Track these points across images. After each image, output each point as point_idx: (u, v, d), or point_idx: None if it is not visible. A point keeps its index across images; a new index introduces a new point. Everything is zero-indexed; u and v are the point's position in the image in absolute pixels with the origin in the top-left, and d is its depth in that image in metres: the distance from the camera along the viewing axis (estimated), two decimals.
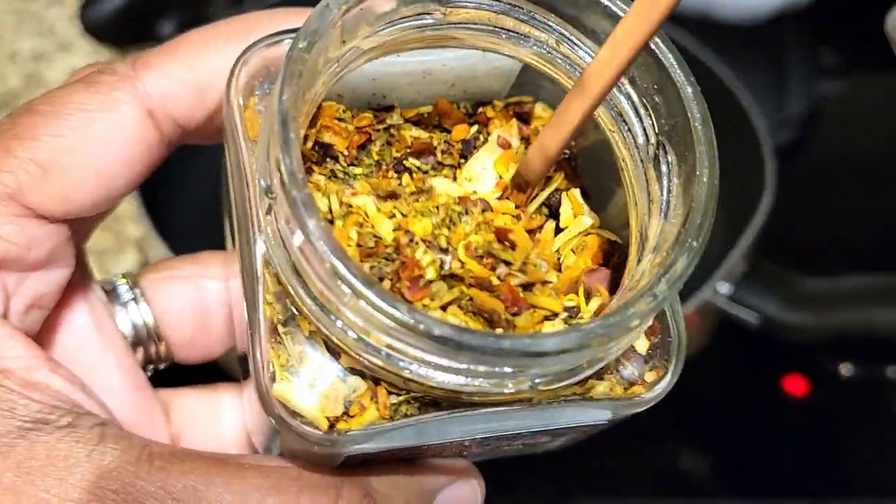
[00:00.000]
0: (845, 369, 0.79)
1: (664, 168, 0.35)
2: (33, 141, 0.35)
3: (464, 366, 0.31)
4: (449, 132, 0.39)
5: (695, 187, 0.33)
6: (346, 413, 0.33)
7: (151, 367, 0.44)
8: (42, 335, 0.39)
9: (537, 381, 0.32)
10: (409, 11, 0.35)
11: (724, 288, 0.71)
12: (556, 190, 0.38)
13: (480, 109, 0.40)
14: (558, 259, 0.37)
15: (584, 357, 0.32)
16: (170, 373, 0.45)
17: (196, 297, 0.43)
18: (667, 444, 0.76)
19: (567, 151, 0.38)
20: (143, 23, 0.94)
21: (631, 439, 0.75)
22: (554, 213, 0.38)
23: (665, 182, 0.35)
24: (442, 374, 0.31)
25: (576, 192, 0.38)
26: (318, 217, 0.30)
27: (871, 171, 1.00)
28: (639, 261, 0.34)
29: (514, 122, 0.39)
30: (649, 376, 0.36)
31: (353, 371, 0.33)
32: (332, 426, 0.33)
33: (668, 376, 0.36)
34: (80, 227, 0.38)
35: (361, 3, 0.33)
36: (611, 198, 0.37)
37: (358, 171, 0.38)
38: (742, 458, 0.75)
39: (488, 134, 0.39)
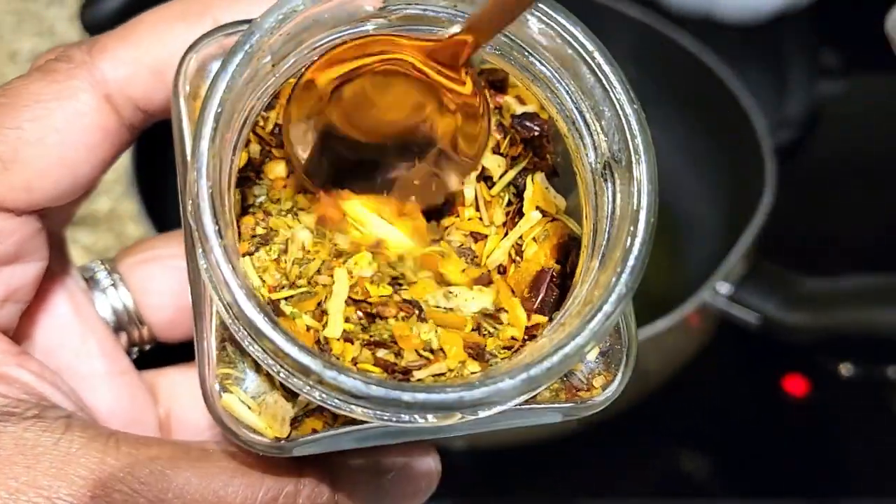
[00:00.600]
0: (845, 369, 0.79)
1: (611, 189, 0.34)
2: None
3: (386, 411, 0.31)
4: None
5: (629, 225, 0.32)
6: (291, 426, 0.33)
7: (136, 349, 0.44)
8: (22, 327, 0.39)
9: (468, 415, 0.31)
10: (345, 24, 0.33)
11: (724, 288, 0.71)
12: (524, 170, 0.38)
13: None
14: (520, 247, 0.37)
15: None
16: (158, 353, 0.45)
17: (174, 278, 0.43)
18: (667, 444, 0.76)
19: (538, 127, 0.38)
20: None
21: (631, 439, 0.75)
22: (521, 194, 0.38)
23: (610, 206, 0.33)
24: (365, 410, 0.31)
25: (541, 177, 0.38)
26: (240, 279, 0.29)
27: (871, 171, 1.00)
28: (582, 281, 0.34)
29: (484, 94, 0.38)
30: (598, 381, 0.35)
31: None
32: (277, 437, 0.33)
33: (616, 382, 0.35)
34: (53, 216, 0.38)
35: (284, 28, 0.32)
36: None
37: None
38: (742, 458, 0.75)
39: None
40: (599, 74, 0.33)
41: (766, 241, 0.75)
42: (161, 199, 0.79)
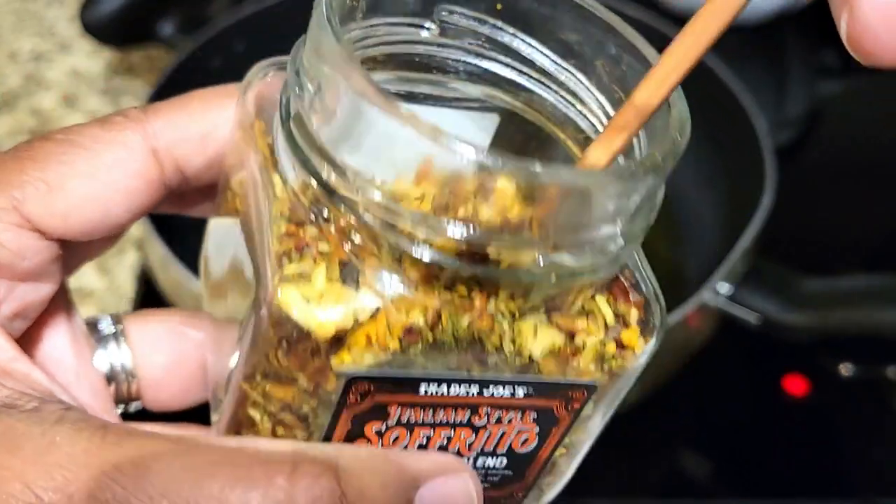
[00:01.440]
0: (845, 369, 0.79)
1: None
2: (45, 163, 0.37)
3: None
4: None
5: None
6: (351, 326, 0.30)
7: (122, 405, 0.44)
8: (21, 345, 0.39)
9: (551, 256, 0.29)
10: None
11: (724, 288, 0.71)
12: None
13: None
14: None
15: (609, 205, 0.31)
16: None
17: (176, 341, 0.44)
18: (666, 443, 0.76)
19: None
20: (143, 23, 0.94)
21: (630, 439, 0.76)
22: None
23: None
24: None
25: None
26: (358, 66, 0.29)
27: (871, 170, 1.00)
28: None
29: None
30: (640, 343, 0.34)
31: (362, 289, 0.30)
32: (333, 338, 0.30)
33: (654, 340, 0.35)
34: (69, 254, 0.39)
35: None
36: None
37: None
38: (741, 458, 0.75)
39: None
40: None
41: (765, 241, 0.75)
42: None
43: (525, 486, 0.35)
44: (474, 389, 0.31)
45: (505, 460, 0.34)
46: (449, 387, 0.31)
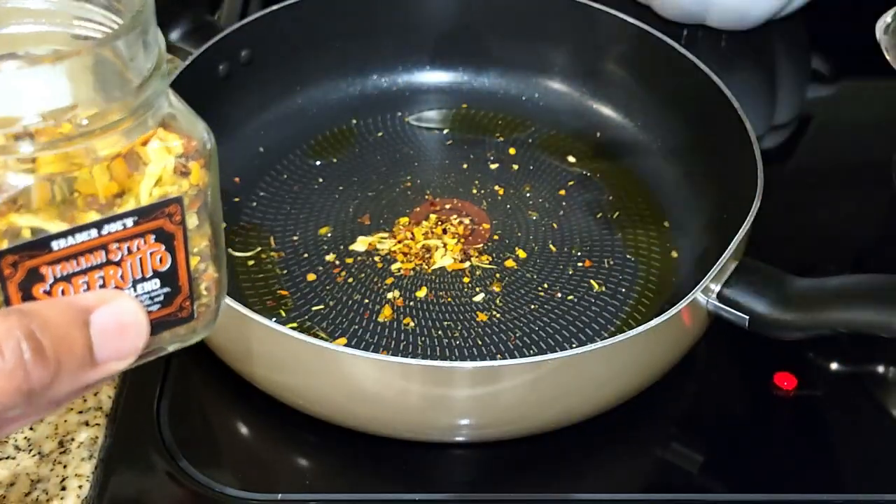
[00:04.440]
0: (835, 367, 0.81)
1: None
2: None
3: None
4: None
5: None
6: None
7: None
8: None
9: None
10: None
11: (715, 288, 0.72)
12: None
13: None
14: None
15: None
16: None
17: None
18: (658, 441, 0.77)
19: None
20: None
21: (622, 436, 0.76)
22: None
23: None
24: None
25: None
26: None
27: (859, 173, 1.02)
28: None
29: None
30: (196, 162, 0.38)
31: None
32: None
33: (209, 157, 0.39)
34: None
35: None
36: None
37: None
38: (733, 453, 0.75)
39: None
40: None
41: (756, 242, 0.76)
42: None
43: (185, 296, 0.40)
44: (94, 233, 0.36)
45: (157, 281, 0.39)
46: (74, 236, 0.36)
